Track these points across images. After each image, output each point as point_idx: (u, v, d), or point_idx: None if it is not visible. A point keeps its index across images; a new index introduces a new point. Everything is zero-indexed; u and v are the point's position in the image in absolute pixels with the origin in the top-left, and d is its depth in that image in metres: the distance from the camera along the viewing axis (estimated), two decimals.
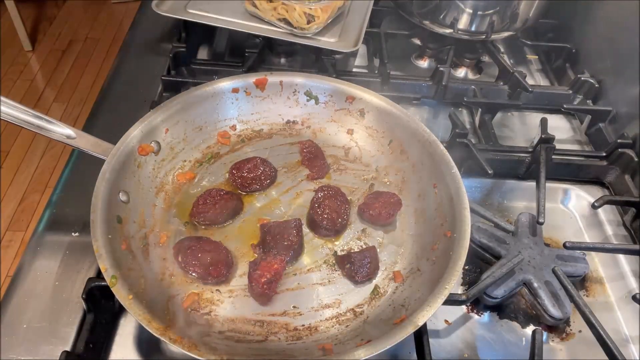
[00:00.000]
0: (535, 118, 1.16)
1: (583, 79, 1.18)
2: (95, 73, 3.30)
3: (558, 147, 0.99)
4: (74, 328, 0.73)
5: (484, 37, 1.21)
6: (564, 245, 0.84)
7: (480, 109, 1.13)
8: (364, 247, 0.83)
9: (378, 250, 0.82)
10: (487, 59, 1.31)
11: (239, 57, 1.16)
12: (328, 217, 0.83)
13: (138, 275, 0.71)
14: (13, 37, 3.38)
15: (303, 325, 0.73)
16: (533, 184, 0.95)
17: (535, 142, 1.00)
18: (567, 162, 1.02)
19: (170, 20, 1.22)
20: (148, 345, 0.73)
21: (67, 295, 0.76)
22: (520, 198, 1.00)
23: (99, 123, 1.03)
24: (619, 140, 1.01)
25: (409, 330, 0.63)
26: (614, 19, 1.17)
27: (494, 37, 1.22)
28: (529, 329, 0.79)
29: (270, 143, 0.97)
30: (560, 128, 1.17)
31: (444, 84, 1.15)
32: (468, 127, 1.09)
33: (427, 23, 1.25)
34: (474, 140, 1.03)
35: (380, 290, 0.78)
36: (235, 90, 0.95)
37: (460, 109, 1.18)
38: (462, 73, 1.30)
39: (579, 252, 0.86)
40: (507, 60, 1.23)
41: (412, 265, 0.80)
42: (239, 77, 0.96)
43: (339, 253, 0.82)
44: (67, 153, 0.96)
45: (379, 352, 0.61)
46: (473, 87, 1.16)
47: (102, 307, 0.74)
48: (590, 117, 1.13)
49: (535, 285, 0.79)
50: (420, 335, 0.71)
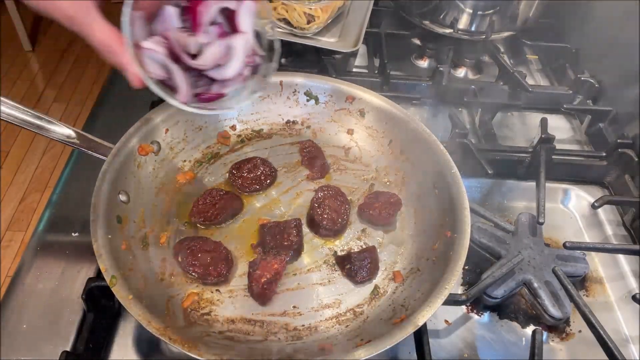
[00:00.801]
0: (535, 118, 1.16)
1: (583, 79, 1.18)
2: (95, 73, 3.30)
3: (558, 147, 0.99)
4: (74, 328, 0.73)
5: (484, 37, 1.21)
6: (564, 245, 0.84)
7: (480, 109, 1.13)
8: (364, 247, 0.83)
9: (378, 250, 0.81)
10: (487, 59, 1.31)
11: None
12: (328, 217, 0.83)
13: (138, 275, 0.71)
14: (13, 37, 3.38)
15: (303, 325, 0.73)
16: (533, 184, 0.95)
17: (535, 142, 1.00)
18: (567, 162, 1.02)
19: None
20: (148, 345, 0.73)
21: (67, 295, 0.76)
22: (520, 198, 1.00)
23: (99, 123, 1.03)
24: (619, 140, 1.01)
25: (409, 330, 0.63)
26: (614, 19, 1.17)
27: (494, 37, 1.22)
28: (529, 329, 0.79)
29: (270, 143, 0.97)
30: (560, 128, 1.17)
31: (444, 84, 1.15)
32: (468, 127, 1.09)
33: (427, 23, 1.25)
34: (474, 140, 1.03)
35: (380, 290, 0.78)
36: None
37: (460, 109, 1.17)
38: (462, 73, 1.30)
39: (579, 252, 0.86)
40: (507, 60, 1.23)
41: (412, 265, 0.80)
42: None
43: (339, 253, 0.82)
44: (67, 153, 0.96)
45: (379, 352, 0.61)
46: (473, 87, 1.16)
47: (102, 307, 0.74)
48: (590, 117, 1.13)
49: (535, 285, 0.79)
50: (420, 335, 0.71)
